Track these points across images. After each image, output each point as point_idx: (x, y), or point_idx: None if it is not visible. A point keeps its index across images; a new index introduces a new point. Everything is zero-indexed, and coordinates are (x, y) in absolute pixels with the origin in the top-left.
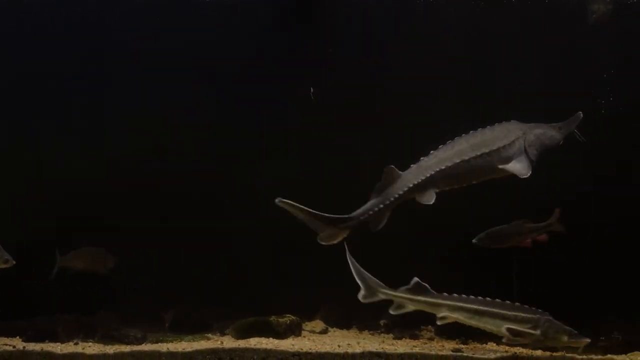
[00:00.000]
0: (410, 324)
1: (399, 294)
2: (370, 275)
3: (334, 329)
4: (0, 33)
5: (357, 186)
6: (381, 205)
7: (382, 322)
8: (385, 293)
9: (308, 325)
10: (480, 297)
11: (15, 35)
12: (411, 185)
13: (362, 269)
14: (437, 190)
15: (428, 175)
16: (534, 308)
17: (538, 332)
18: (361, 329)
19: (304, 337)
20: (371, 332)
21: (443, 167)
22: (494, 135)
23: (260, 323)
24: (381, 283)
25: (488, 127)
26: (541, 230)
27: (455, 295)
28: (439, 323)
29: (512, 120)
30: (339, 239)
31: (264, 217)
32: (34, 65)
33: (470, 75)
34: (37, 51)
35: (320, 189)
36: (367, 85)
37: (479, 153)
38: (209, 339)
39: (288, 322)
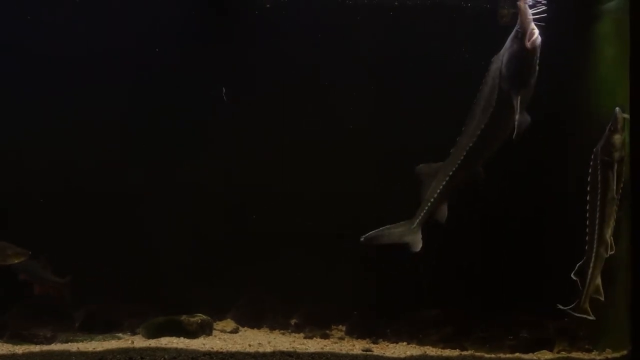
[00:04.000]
0: (321, 324)
1: None
2: None
3: (245, 328)
4: None
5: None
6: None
7: (292, 321)
8: None
9: (219, 325)
10: None
11: None
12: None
13: None
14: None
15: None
16: None
17: None
18: (272, 328)
19: (215, 336)
20: (282, 331)
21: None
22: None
23: (171, 322)
24: None
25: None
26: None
27: None
28: None
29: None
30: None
31: (176, 214)
32: None
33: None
34: None
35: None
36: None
37: (482, 126)
38: (119, 338)
39: (199, 321)
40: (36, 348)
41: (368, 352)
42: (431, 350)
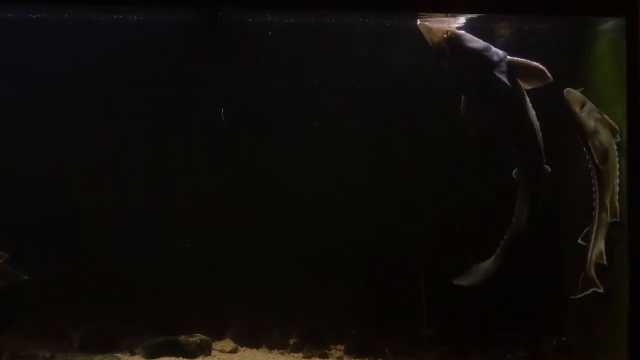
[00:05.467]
0: (320, 343)
1: None
2: None
3: (244, 348)
4: None
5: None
6: None
7: (291, 341)
8: None
9: (218, 345)
10: None
11: None
12: None
13: None
14: None
15: None
16: None
17: None
18: (271, 348)
19: (214, 356)
20: (281, 351)
21: None
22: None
23: (170, 342)
24: None
25: None
26: None
27: None
28: None
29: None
30: None
31: (173, 232)
32: None
33: None
34: None
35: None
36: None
37: None
38: (118, 358)
39: (198, 341)
40: None
41: None
42: None
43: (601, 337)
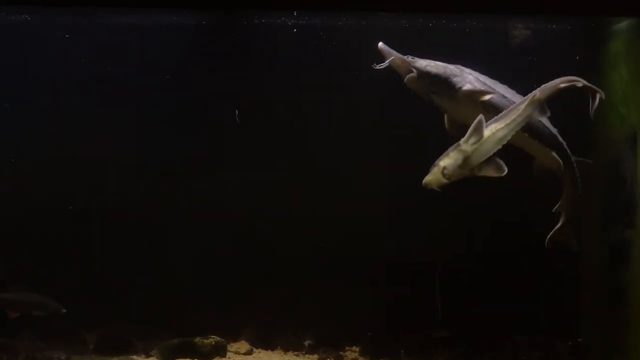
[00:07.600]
0: (335, 345)
1: None
2: None
3: (259, 349)
4: None
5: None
6: None
7: (306, 342)
8: None
9: (233, 346)
10: None
11: None
12: None
13: None
14: None
15: None
16: None
17: None
18: (286, 349)
19: (229, 358)
20: (296, 352)
21: None
22: None
23: (185, 344)
24: None
25: None
26: None
27: None
28: None
29: None
30: None
31: (188, 235)
32: None
33: None
34: None
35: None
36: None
37: None
38: None
39: (213, 343)
40: None
41: None
42: None
43: (617, 337)
